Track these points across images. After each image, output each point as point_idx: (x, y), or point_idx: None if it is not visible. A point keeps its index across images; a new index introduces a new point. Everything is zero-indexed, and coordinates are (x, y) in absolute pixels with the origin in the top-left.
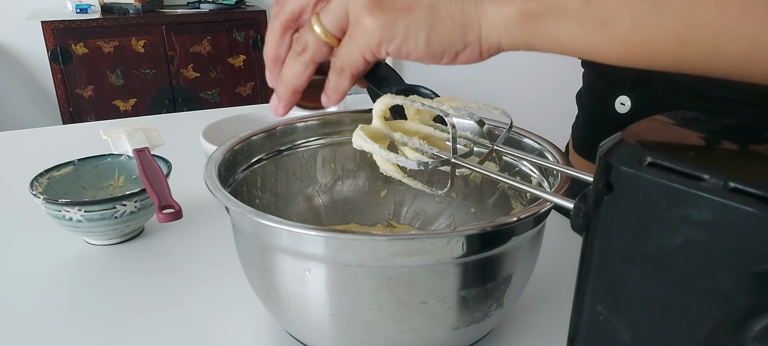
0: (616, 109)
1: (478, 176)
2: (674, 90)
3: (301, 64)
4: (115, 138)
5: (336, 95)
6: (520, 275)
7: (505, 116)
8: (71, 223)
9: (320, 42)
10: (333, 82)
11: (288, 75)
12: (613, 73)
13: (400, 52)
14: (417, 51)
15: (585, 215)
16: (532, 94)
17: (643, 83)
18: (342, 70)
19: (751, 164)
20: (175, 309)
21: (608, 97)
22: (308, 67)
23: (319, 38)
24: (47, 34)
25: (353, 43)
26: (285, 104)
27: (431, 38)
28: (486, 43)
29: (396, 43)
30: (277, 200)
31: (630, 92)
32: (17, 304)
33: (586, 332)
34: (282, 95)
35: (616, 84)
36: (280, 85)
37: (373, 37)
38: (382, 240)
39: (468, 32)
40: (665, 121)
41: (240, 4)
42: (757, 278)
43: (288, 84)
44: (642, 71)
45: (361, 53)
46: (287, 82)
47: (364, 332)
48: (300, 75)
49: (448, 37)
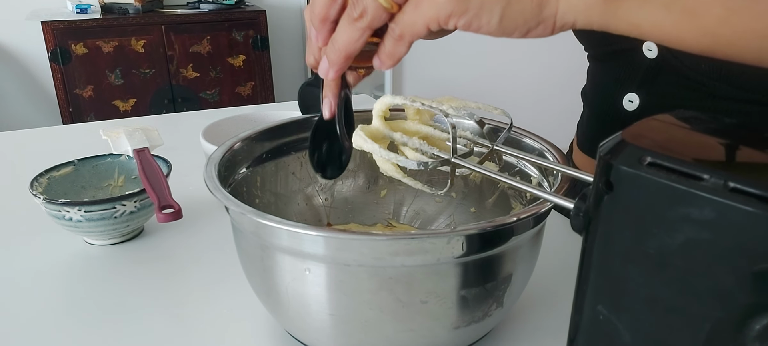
0: (624, 106)
1: (478, 176)
2: (684, 87)
3: (356, 30)
4: (115, 138)
5: (391, 61)
6: (520, 275)
7: (505, 116)
8: (71, 223)
9: (380, 8)
10: (389, 47)
11: (341, 40)
12: (623, 70)
13: (470, 26)
14: (489, 26)
15: (585, 215)
16: (535, 92)
17: (653, 80)
18: (401, 38)
19: (751, 164)
20: (175, 309)
21: (616, 94)
22: (364, 34)
23: (379, 4)
24: (47, 34)
25: (419, 12)
26: (337, 69)
27: (506, 14)
28: (560, 22)
29: (468, 17)
30: (277, 199)
31: (639, 89)
32: (17, 304)
33: (587, 331)
34: (334, 60)
35: (625, 81)
36: (331, 50)
37: (444, 8)
38: (382, 240)
39: (544, 9)
40: (665, 121)
41: (240, 4)
42: (758, 277)
43: (341, 50)
44: (652, 68)
45: (426, 24)
46: (340, 47)
47: (364, 332)
48: (355, 41)
49: (522, 15)
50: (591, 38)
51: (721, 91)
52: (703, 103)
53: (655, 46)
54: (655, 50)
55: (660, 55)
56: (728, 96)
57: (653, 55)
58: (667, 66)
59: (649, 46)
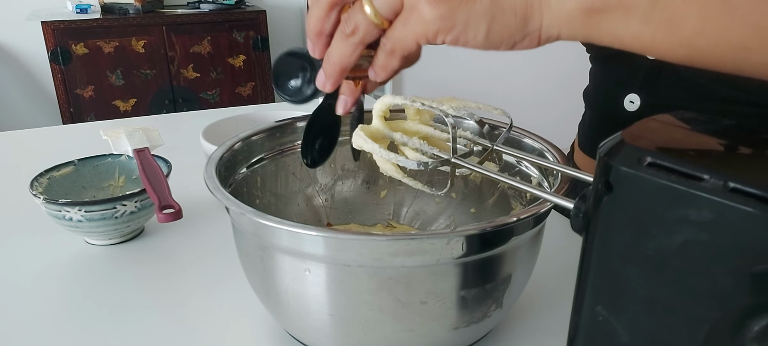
0: (625, 107)
1: (478, 176)
2: (684, 89)
3: (350, 45)
4: (115, 138)
5: (384, 73)
6: (520, 275)
7: (505, 116)
8: (71, 223)
9: (371, 24)
10: (382, 60)
11: (336, 55)
12: (624, 71)
13: (458, 42)
14: (475, 41)
15: (585, 215)
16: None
17: (654, 81)
18: (392, 53)
19: (750, 164)
20: (175, 309)
21: (618, 94)
22: (357, 49)
23: (370, 20)
24: (47, 34)
25: (408, 28)
26: (333, 82)
27: (491, 30)
28: (545, 35)
29: (454, 33)
30: (277, 200)
31: (640, 90)
32: (17, 304)
33: (586, 332)
34: (330, 73)
35: (626, 82)
36: (328, 64)
37: (431, 26)
38: (382, 240)
39: (529, 24)
40: (665, 122)
41: (240, 4)
42: (757, 278)
43: (336, 64)
44: (653, 70)
45: (416, 39)
46: (335, 62)
47: (363, 332)
48: (349, 55)
49: (508, 29)
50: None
51: (721, 93)
52: (703, 105)
53: None
54: None
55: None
56: (728, 98)
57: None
58: (667, 68)
59: None
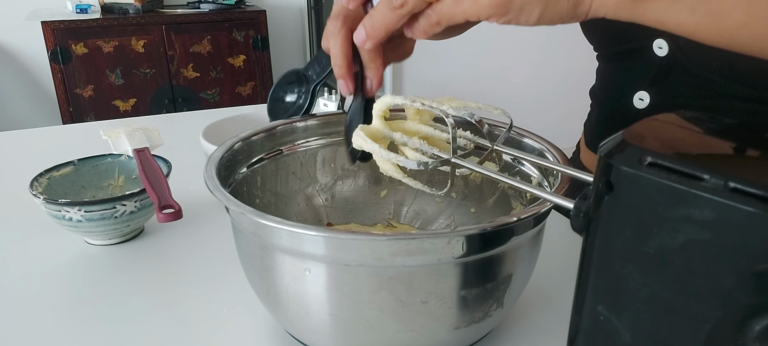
0: (634, 104)
1: (478, 176)
2: (694, 86)
3: (396, 15)
4: (115, 138)
5: (424, 36)
6: (520, 275)
7: (505, 116)
8: (71, 223)
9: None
10: (423, 26)
11: (379, 19)
12: (634, 68)
13: (508, 23)
14: (526, 23)
15: (585, 215)
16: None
17: (664, 79)
18: (438, 24)
19: (751, 164)
20: (175, 309)
21: (627, 92)
22: (403, 19)
23: None
24: (47, 34)
25: (459, 7)
26: (374, 42)
27: (544, 14)
28: (591, 15)
29: (507, 18)
30: (277, 199)
31: (650, 87)
32: (17, 303)
33: (587, 332)
34: (372, 34)
35: (636, 79)
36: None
37: (485, 10)
38: (382, 240)
39: (579, 7)
40: (666, 121)
41: (240, 4)
42: (758, 277)
43: (381, 27)
44: (663, 67)
45: (466, 17)
46: (380, 26)
47: (364, 332)
48: (394, 23)
49: (559, 13)
50: (601, 39)
51: (732, 90)
52: (713, 101)
53: (665, 44)
54: (665, 48)
55: (670, 53)
56: (738, 95)
57: (663, 53)
58: (677, 64)
59: (659, 45)
